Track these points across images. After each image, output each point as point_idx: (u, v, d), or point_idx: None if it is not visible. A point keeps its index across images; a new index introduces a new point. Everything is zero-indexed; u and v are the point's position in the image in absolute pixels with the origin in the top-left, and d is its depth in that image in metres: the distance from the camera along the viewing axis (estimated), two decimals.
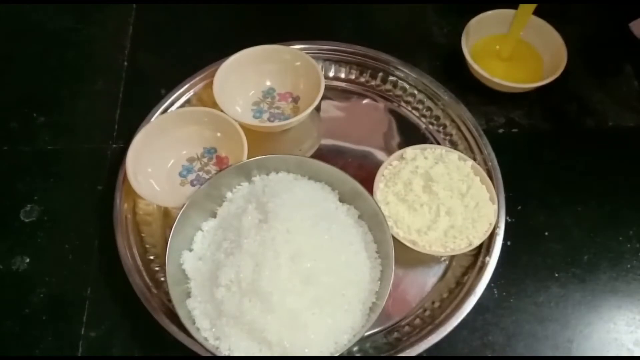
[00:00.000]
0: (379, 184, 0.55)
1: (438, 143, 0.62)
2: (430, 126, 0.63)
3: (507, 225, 0.55)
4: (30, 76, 0.68)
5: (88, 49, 0.70)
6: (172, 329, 0.48)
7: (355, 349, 0.50)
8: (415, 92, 0.64)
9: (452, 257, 0.55)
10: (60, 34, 0.72)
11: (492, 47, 0.67)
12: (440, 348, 0.50)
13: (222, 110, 0.57)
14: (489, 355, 0.52)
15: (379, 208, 0.50)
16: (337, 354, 0.45)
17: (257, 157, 0.53)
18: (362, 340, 0.49)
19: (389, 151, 0.60)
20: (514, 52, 0.66)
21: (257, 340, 0.45)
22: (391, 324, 0.52)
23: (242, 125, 0.56)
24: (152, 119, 0.59)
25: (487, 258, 0.53)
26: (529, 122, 0.65)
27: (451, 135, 0.62)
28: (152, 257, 0.54)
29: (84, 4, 0.74)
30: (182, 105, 0.62)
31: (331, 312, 0.46)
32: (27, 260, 0.55)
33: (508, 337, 0.53)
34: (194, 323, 0.47)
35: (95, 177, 0.60)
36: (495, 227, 0.54)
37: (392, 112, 0.64)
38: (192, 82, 0.62)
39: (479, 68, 0.62)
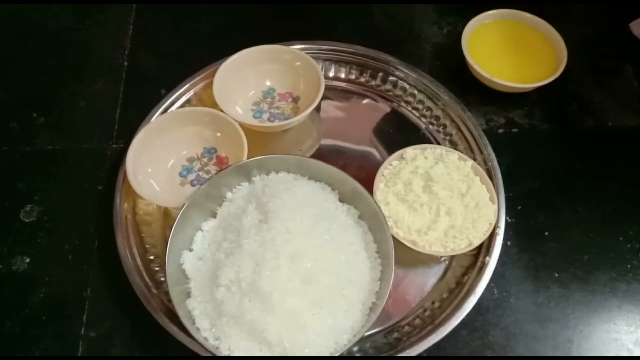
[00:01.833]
0: (379, 184, 0.55)
1: (438, 143, 0.62)
2: (430, 126, 0.63)
3: (507, 225, 0.55)
4: (30, 76, 0.68)
5: (88, 49, 0.70)
6: (172, 329, 0.48)
7: (355, 349, 0.50)
8: (415, 92, 0.64)
9: (452, 257, 0.55)
10: (60, 34, 0.72)
11: (493, 34, 0.67)
12: (440, 348, 0.50)
13: (222, 110, 0.57)
14: (489, 355, 0.52)
15: (379, 208, 0.50)
16: (337, 354, 0.45)
17: (257, 157, 0.53)
18: (362, 340, 0.49)
19: (389, 151, 0.60)
20: (524, 41, 0.66)
21: (257, 340, 0.45)
22: (391, 324, 0.52)
23: (242, 125, 0.56)
24: (152, 119, 0.59)
25: (487, 258, 0.53)
26: (529, 122, 0.65)
27: (451, 135, 0.62)
28: (152, 257, 0.54)
29: (84, 4, 0.74)
30: (182, 105, 0.62)
31: (331, 312, 0.46)
32: (27, 260, 0.55)
33: (508, 337, 0.53)
34: (194, 323, 0.47)
35: (95, 177, 0.60)
36: (495, 227, 0.54)
37: (392, 112, 0.64)
38: (192, 82, 0.62)
39: (479, 68, 0.62)
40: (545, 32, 0.66)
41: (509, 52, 0.66)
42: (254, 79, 0.63)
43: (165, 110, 0.61)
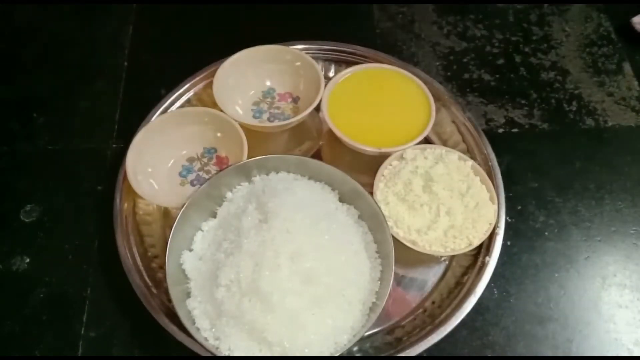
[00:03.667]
0: (379, 184, 0.55)
1: (438, 143, 0.61)
2: None
3: (507, 225, 0.55)
4: (30, 76, 0.68)
5: (88, 49, 0.70)
6: (172, 329, 0.48)
7: (355, 349, 0.50)
8: None
9: (452, 257, 0.55)
10: (60, 34, 0.72)
11: (356, 87, 0.60)
12: (440, 348, 0.50)
13: (222, 110, 0.57)
14: (489, 355, 0.52)
15: (379, 208, 0.50)
16: (337, 354, 0.45)
17: (257, 157, 0.53)
18: (362, 340, 0.49)
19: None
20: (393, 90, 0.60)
21: (257, 340, 0.45)
22: (391, 324, 0.52)
23: (242, 125, 0.56)
24: (152, 119, 0.59)
25: (487, 258, 0.53)
26: (529, 122, 0.65)
27: (451, 135, 0.62)
28: (152, 257, 0.54)
29: (84, 4, 0.74)
30: (182, 105, 0.62)
31: (331, 312, 0.46)
32: (27, 260, 0.55)
33: (508, 337, 0.53)
34: (194, 323, 0.47)
35: (95, 177, 0.60)
36: (495, 227, 0.53)
37: None
38: (192, 82, 0.62)
39: (341, 134, 0.56)
40: (411, 79, 0.60)
41: (374, 107, 0.60)
42: (254, 79, 0.63)
43: (165, 110, 0.61)
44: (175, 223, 0.49)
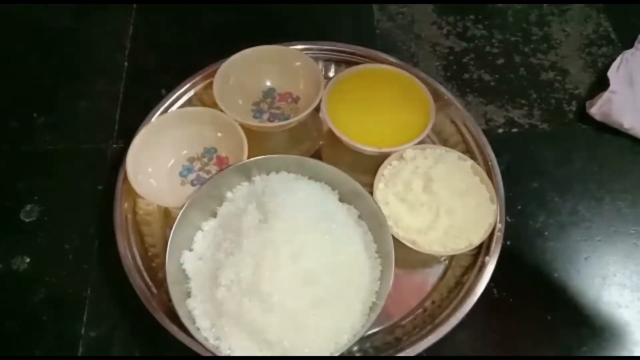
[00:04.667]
0: (379, 184, 0.55)
1: (438, 143, 0.61)
2: None
3: (507, 225, 0.55)
4: (30, 76, 0.68)
5: (88, 49, 0.70)
6: (172, 329, 0.48)
7: (355, 349, 0.50)
8: None
9: (452, 257, 0.55)
10: (60, 34, 0.72)
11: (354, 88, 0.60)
12: (440, 348, 0.50)
13: (222, 110, 0.57)
14: (489, 355, 0.52)
15: (379, 208, 0.50)
16: (337, 354, 0.45)
17: (257, 157, 0.53)
18: (362, 340, 0.49)
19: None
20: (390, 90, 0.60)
21: (257, 340, 0.45)
22: (391, 324, 0.52)
23: (242, 125, 0.56)
24: (152, 119, 0.59)
25: (487, 258, 0.53)
26: (529, 122, 0.65)
27: (451, 135, 0.62)
28: (152, 257, 0.54)
29: (84, 4, 0.74)
30: (182, 105, 0.62)
31: (331, 312, 0.46)
32: (27, 260, 0.55)
33: (508, 337, 0.53)
34: (194, 323, 0.47)
35: (95, 177, 0.60)
36: (495, 227, 0.53)
37: None
38: (192, 82, 0.62)
39: (340, 133, 0.56)
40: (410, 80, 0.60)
41: (374, 107, 0.60)
42: (254, 79, 0.63)
43: (165, 110, 0.61)
44: (176, 223, 0.49)
